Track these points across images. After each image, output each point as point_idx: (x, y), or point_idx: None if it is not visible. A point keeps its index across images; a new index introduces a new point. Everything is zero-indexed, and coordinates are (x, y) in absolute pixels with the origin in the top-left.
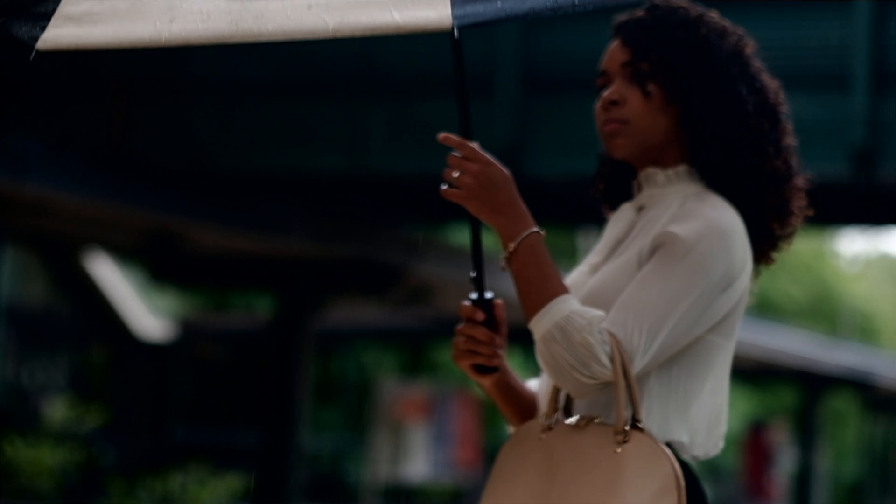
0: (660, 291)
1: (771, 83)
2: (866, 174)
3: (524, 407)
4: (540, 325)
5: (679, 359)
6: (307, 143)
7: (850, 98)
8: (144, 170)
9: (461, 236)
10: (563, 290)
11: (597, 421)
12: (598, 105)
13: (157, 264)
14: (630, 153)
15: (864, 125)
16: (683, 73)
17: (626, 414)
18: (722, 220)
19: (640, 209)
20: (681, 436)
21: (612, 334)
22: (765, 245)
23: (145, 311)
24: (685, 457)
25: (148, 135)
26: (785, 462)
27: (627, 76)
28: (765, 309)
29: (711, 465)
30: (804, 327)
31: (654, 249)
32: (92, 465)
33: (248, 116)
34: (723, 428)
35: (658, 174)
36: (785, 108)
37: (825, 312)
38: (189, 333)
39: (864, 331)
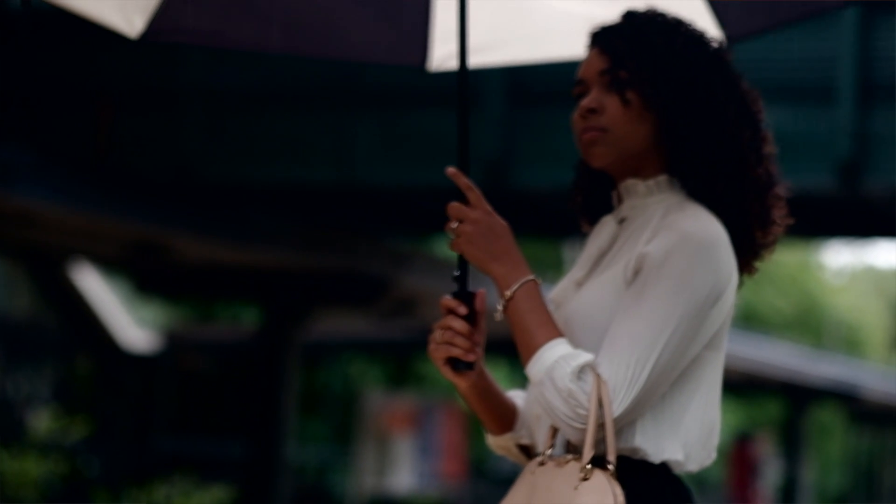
0: (644, 319)
1: (750, 91)
2: (852, 186)
3: (502, 413)
4: (534, 372)
5: None
6: (293, 155)
7: (836, 110)
8: (130, 181)
9: (447, 248)
10: (556, 334)
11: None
12: (575, 114)
13: (143, 275)
14: (609, 162)
15: (849, 137)
16: (662, 81)
17: (592, 453)
18: (703, 231)
19: (621, 221)
20: (675, 454)
21: (597, 375)
22: (747, 254)
23: (131, 323)
24: (679, 472)
25: (134, 146)
26: (770, 474)
27: (605, 84)
28: (750, 321)
29: (697, 478)
30: (790, 339)
31: (637, 272)
32: (77, 476)
33: (235, 127)
34: (716, 439)
35: (639, 185)
36: (764, 117)
37: (811, 324)
38: (174, 344)
39: (849, 343)
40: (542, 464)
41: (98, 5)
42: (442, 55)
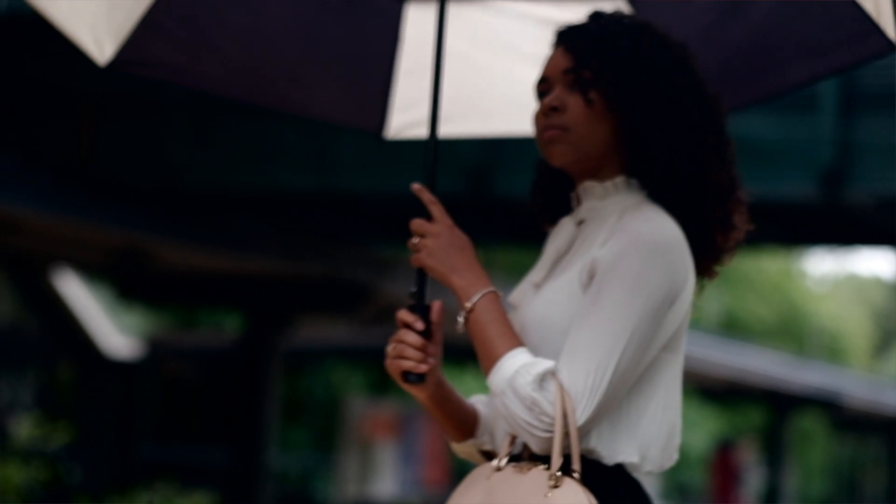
0: (601, 326)
1: (714, 95)
2: (834, 194)
3: (462, 420)
4: (494, 383)
5: None
6: (276, 162)
7: (819, 119)
8: (113, 187)
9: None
10: (516, 344)
11: (542, 466)
12: (537, 112)
13: (126, 282)
14: (568, 161)
15: (832, 146)
16: (626, 82)
17: (560, 461)
18: (655, 233)
19: (580, 223)
20: (631, 456)
21: (559, 383)
22: (707, 258)
23: (113, 329)
24: (637, 475)
25: (117, 152)
26: (753, 481)
27: (569, 83)
28: (733, 328)
29: (679, 484)
30: (772, 347)
31: (591, 276)
32: (59, 483)
33: (218, 135)
34: (676, 441)
35: (596, 187)
36: (727, 121)
37: (793, 332)
38: (157, 351)
39: (831, 351)
40: (498, 469)
41: (73, 23)
42: (399, 124)
